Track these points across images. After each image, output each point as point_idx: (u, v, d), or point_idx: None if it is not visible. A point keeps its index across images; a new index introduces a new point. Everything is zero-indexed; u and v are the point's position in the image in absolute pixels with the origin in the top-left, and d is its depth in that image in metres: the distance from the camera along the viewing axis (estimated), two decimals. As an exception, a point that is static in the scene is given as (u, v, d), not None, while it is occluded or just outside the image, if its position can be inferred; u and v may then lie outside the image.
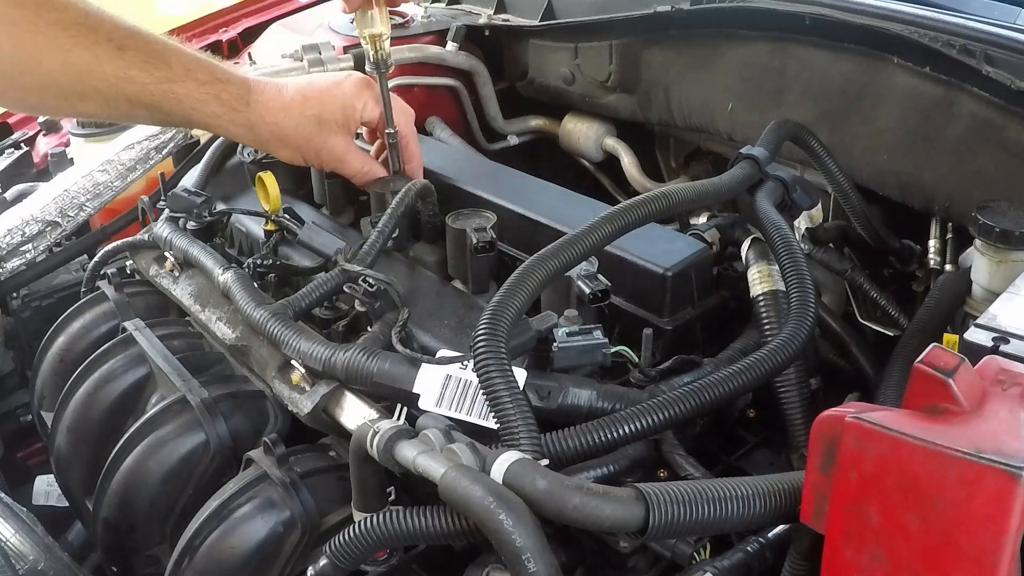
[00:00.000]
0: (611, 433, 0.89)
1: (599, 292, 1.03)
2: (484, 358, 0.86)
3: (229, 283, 1.23)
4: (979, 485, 0.58)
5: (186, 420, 1.16)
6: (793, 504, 0.73)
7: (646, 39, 1.68)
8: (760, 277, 1.11)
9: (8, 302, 1.65)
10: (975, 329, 0.81)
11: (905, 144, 1.32)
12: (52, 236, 1.60)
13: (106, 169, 1.64)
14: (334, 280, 1.18)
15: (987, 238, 1.03)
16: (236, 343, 1.21)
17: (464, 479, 0.75)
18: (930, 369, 0.65)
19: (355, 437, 0.90)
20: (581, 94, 1.84)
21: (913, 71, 1.31)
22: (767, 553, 0.83)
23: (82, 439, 1.28)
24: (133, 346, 1.30)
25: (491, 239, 1.15)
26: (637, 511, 0.72)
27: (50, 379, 1.42)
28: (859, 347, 1.20)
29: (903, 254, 1.39)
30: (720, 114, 1.59)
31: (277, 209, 1.35)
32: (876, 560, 0.63)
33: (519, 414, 0.84)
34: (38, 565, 0.96)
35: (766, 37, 1.50)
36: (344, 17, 1.96)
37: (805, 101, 1.45)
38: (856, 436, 0.63)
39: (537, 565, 0.71)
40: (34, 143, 2.04)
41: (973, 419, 0.63)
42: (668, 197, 1.08)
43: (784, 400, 1.04)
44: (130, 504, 1.17)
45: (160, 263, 1.43)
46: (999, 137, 1.22)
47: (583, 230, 1.01)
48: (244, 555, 1.01)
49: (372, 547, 0.84)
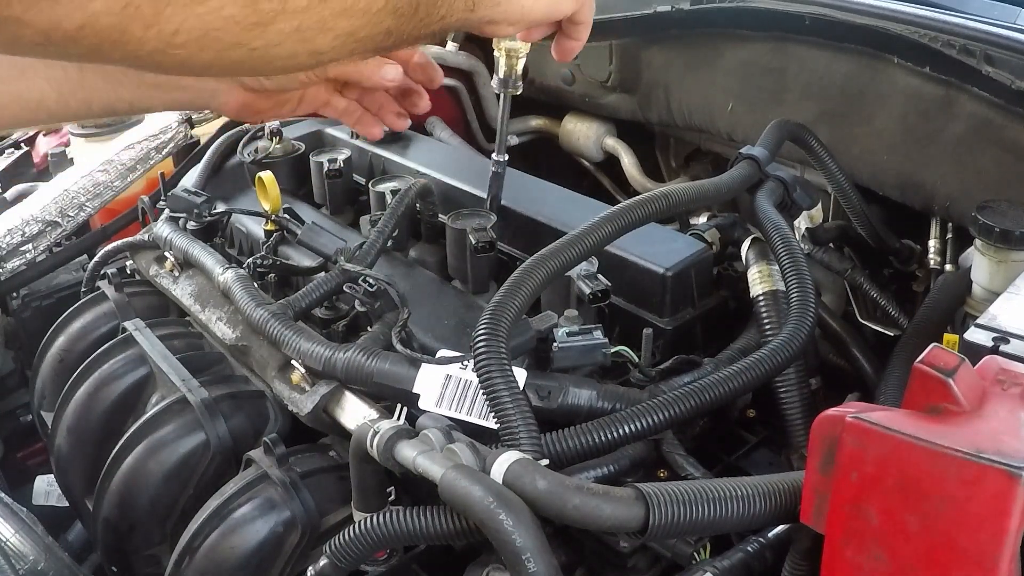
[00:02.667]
0: (611, 433, 0.89)
1: (599, 292, 1.03)
2: (484, 358, 0.86)
3: (229, 283, 1.23)
4: (979, 485, 0.58)
5: (186, 420, 1.16)
6: (793, 504, 0.73)
7: (646, 39, 1.68)
8: (760, 277, 1.11)
9: (8, 302, 1.65)
10: (975, 329, 0.81)
11: (905, 144, 1.33)
12: (52, 236, 1.60)
13: (106, 169, 1.64)
14: (334, 280, 1.18)
15: (987, 238, 1.03)
16: (236, 343, 1.21)
17: (464, 479, 0.75)
18: (930, 369, 0.65)
19: (355, 437, 0.90)
20: (581, 94, 1.84)
21: (913, 71, 1.31)
22: (767, 553, 0.83)
23: (82, 439, 1.28)
24: (133, 346, 1.30)
25: (491, 239, 1.15)
26: (637, 511, 0.72)
27: (50, 379, 1.42)
28: (859, 347, 1.20)
29: (903, 254, 1.39)
30: (720, 114, 1.59)
31: (277, 209, 1.35)
32: (876, 560, 0.63)
33: (519, 414, 0.84)
34: (38, 565, 0.96)
35: (766, 37, 1.50)
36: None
37: (805, 101, 1.45)
38: (856, 436, 0.63)
39: (537, 565, 0.71)
40: (34, 143, 2.05)
41: (973, 419, 0.63)
42: (668, 197, 1.09)
43: (784, 400, 1.04)
44: (130, 504, 1.17)
45: (160, 263, 1.43)
46: (999, 137, 1.22)
47: (583, 230, 1.01)
48: (244, 555, 1.01)
49: (372, 547, 0.84)
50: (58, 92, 1.00)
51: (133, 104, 1.07)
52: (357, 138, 1.58)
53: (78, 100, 1.02)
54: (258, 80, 1.07)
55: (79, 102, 1.03)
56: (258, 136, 1.60)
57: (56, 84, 1.00)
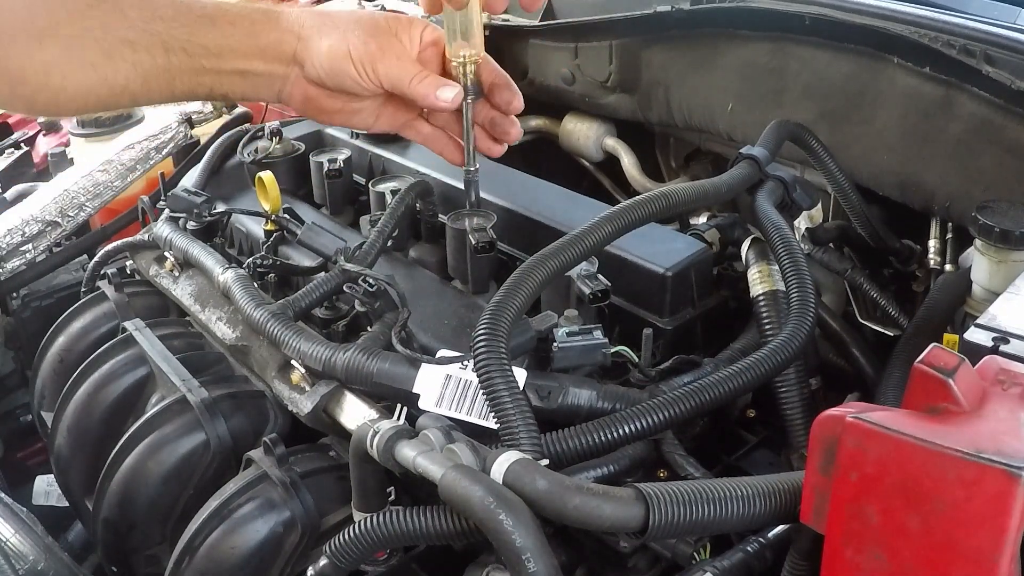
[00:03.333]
0: (611, 433, 0.89)
1: (599, 292, 1.03)
2: (484, 358, 0.86)
3: (229, 283, 1.23)
4: (979, 485, 0.58)
5: (186, 420, 1.16)
6: (793, 504, 0.73)
7: (646, 39, 1.68)
8: (760, 277, 1.11)
9: (8, 302, 1.65)
10: (975, 329, 0.81)
11: (905, 144, 1.32)
12: (52, 236, 1.60)
13: (106, 169, 1.64)
14: (334, 280, 1.18)
15: (987, 238, 1.03)
16: (236, 343, 1.22)
17: (464, 479, 0.75)
18: (930, 369, 0.65)
19: (355, 437, 0.90)
20: (581, 94, 1.84)
21: (913, 71, 1.31)
22: (767, 553, 0.83)
23: (82, 439, 1.28)
24: (133, 346, 1.30)
25: (491, 239, 1.15)
26: (637, 511, 0.72)
27: (50, 379, 1.43)
28: (859, 347, 1.20)
29: (903, 254, 1.38)
30: (720, 114, 1.59)
31: (277, 209, 1.35)
32: (876, 560, 0.63)
33: (519, 414, 0.84)
34: (38, 565, 0.96)
35: (766, 37, 1.50)
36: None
37: (805, 101, 1.45)
38: (856, 436, 0.63)
39: (537, 565, 0.71)
40: (34, 143, 2.05)
41: (973, 419, 0.63)
42: (668, 197, 1.08)
43: (784, 400, 1.04)
44: (130, 504, 1.17)
45: (160, 263, 1.43)
46: (999, 137, 1.22)
47: (583, 230, 1.01)
48: (244, 555, 1.01)
49: (372, 547, 0.84)
50: (143, 77, 1.02)
51: (213, 89, 1.09)
52: (357, 138, 1.58)
53: (161, 84, 1.05)
54: (316, 71, 1.08)
55: (162, 86, 1.05)
56: (258, 136, 1.60)
57: (142, 69, 1.02)
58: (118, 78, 1.02)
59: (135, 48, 1.01)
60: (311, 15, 1.09)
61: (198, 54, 1.04)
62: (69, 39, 0.98)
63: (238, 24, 1.06)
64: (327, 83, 1.09)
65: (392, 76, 1.09)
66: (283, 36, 1.08)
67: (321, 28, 1.08)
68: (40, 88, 1.00)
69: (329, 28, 1.08)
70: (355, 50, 1.08)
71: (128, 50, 1.00)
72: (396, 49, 1.10)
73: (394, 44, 1.10)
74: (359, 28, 1.09)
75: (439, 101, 1.10)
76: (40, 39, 0.98)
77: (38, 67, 0.99)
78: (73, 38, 0.98)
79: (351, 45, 1.07)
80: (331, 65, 1.08)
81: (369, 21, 1.10)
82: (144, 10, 1.01)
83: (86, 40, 0.99)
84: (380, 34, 1.09)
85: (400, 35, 1.11)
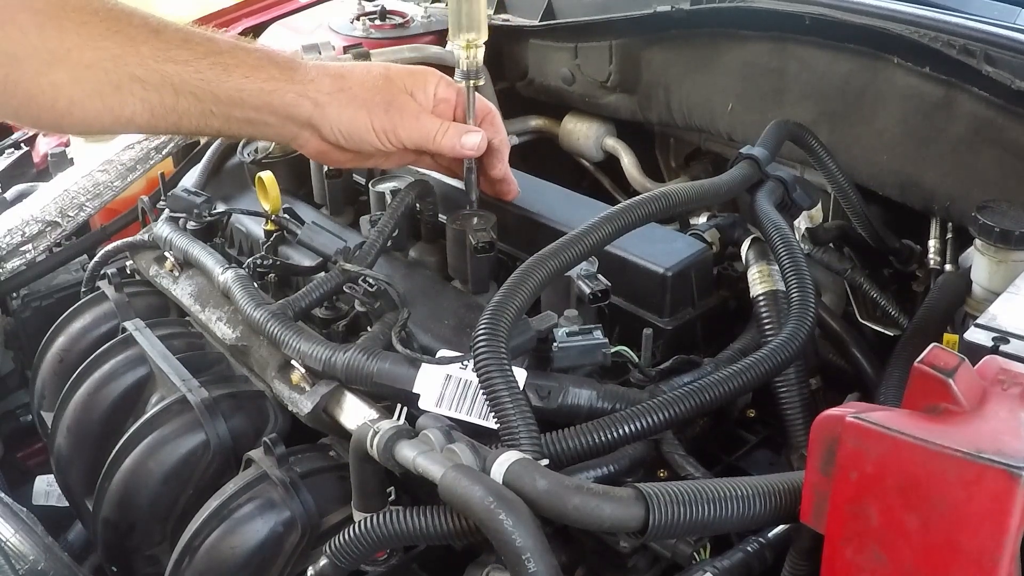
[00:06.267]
0: (611, 433, 0.89)
1: (599, 292, 1.03)
2: (484, 358, 0.86)
3: (229, 283, 1.23)
4: (979, 485, 0.58)
5: (186, 420, 1.16)
6: (793, 504, 0.73)
7: (646, 39, 1.68)
8: (760, 277, 1.11)
9: (8, 302, 1.65)
10: (975, 329, 0.81)
11: (905, 144, 1.33)
12: (52, 236, 1.60)
13: (106, 169, 1.64)
14: (334, 280, 1.18)
15: (987, 238, 1.03)
16: (236, 343, 1.22)
17: (464, 479, 0.75)
18: (930, 369, 0.65)
19: (355, 437, 0.90)
20: (581, 94, 1.84)
21: (913, 71, 1.31)
22: (767, 553, 0.83)
23: (82, 439, 1.28)
24: (133, 346, 1.30)
25: (491, 239, 1.15)
26: (637, 511, 0.72)
27: (50, 379, 1.42)
28: (859, 347, 1.20)
29: (903, 254, 1.39)
30: (720, 114, 1.59)
31: (277, 209, 1.35)
32: (876, 560, 0.63)
33: (519, 414, 0.84)
34: (38, 565, 0.96)
35: (766, 37, 1.50)
36: (344, 17, 1.96)
37: (805, 101, 1.45)
38: (856, 436, 0.63)
39: (537, 565, 0.71)
40: (34, 143, 2.04)
41: (973, 419, 0.63)
42: (668, 197, 1.09)
43: (784, 400, 1.04)
44: (130, 504, 1.17)
45: (160, 263, 1.43)
46: (999, 137, 1.22)
47: (583, 230, 1.01)
48: (244, 555, 1.01)
49: (372, 547, 0.84)
50: (151, 113, 1.04)
51: (220, 131, 1.12)
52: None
53: (168, 123, 1.06)
54: (334, 136, 1.12)
55: (169, 124, 1.07)
56: (258, 136, 1.60)
57: (149, 106, 1.03)
58: (124, 110, 1.03)
59: (144, 86, 1.02)
60: (327, 78, 1.11)
61: (208, 100, 1.05)
62: (79, 67, 0.99)
63: (252, 77, 1.06)
64: (346, 147, 1.13)
65: (415, 139, 1.14)
66: (298, 100, 1.09)
67: (339, 97, 1.10)
68: (46, 109, 1.01)
69: (347, 100, 1.11)
70: (376, 121, 1.11)
71: (137, 86, 1.02)
72: (412, 109, 1.14)
73: (410, 105, 1.14)
74: (377, 96, 1.12)
75: (466, 150, 1.16)
76: (50, 63, 0.98)
77: (46, 89, 0.99)
78: (83, 66, 0.99)
79: (372, 117, 1.11)
80: (352, 134, 1.12)
81: (384, 87, 1.13)
82: (157, 48, 1.02)
83: (96, 70, 1.00)
84: (396, 98, 1.13)
85: (415, 94, 1.15)
